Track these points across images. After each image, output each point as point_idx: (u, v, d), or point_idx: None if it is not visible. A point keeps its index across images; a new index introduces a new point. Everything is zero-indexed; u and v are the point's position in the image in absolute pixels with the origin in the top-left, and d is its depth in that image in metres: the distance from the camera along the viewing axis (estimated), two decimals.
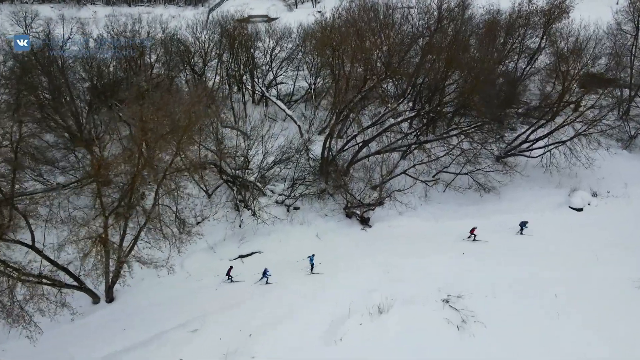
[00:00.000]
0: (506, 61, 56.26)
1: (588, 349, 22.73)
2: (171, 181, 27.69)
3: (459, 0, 58.43)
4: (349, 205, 35.48)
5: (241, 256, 32.31)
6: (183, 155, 27.37)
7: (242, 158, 37.88)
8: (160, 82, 45.36)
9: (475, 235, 32.66)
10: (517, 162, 40.34)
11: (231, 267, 29.99)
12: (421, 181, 37.62)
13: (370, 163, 39.11)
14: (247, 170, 38.64)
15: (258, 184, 37.40)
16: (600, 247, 30.72)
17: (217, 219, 34.41)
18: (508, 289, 27.29)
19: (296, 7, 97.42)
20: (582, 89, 47.12)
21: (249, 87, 55.38)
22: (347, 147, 39.65)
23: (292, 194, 37.28)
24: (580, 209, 35.37)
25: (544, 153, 40.72)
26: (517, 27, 56.11)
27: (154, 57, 48.96)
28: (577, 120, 39.68)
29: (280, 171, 38.73)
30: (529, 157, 42.04)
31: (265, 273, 28.97)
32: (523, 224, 33.31)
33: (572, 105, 46.91)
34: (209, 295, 28.24)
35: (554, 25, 55.70)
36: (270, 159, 38.67)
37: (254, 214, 34.02)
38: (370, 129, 39.88)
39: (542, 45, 55.79)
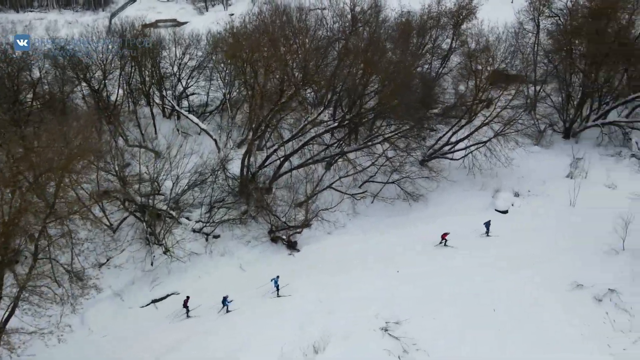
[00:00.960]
0: (421, 62, 55.53)
1: None
2: (59, 226, 22.61)
3: (372, 2, 56.94)
4: (273, 228, 32.02)
5: (154, 300, 27.72)
6: (63, 199, 22.20)
7: (152, 183, 33.20)
8: (49, 101, 38.90)
9: (446, 241, 31.37)
10: (441, 167, 39.01)
11: (187, 298, 26.36)
12: (348, 195, 35.02)
13: (293, 179, 35.89)
14: (159, 196, 33.94)
15: (171, 212, 32.86)
16: (530, 251, 29.73)
17: (122, 263, 29.29)
18: (446, 307, 25.35)
19: (207, 11, 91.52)
20: (492, 86, 47.38)
21: (158, 100, 49.88)
22: (267, 163, 36.13)
23: (211, 220, 33.13)
24: (505, 211, 34.52)
25: (466, 155, 39.85)
26: (428, 29, 55.53)
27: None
28: (494, 120, 39.09)
29: (197, 195, 34.44)
30: (452, 159, 41.03)
31: (224, 301, 26.02)
32: (487, 224, 32.30)
33: (487, 104, 47.02)
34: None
35: (462, 26, 55.91)
36: (184, 181, 34.25)
37: (166, 251, 29.40)
38: (292, 142, 36.68)
39: (454, 45, 55.73)
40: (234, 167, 36.59)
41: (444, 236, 31.39)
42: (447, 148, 41.14)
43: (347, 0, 56.67)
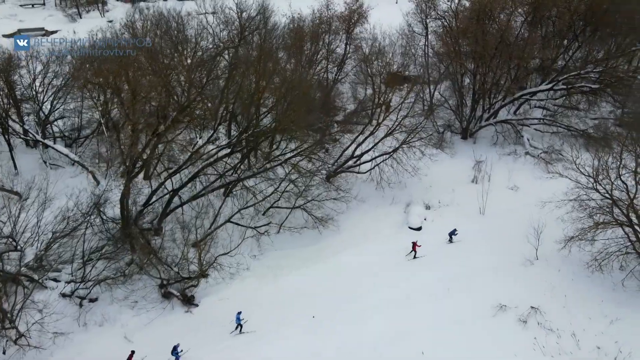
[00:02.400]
0: (318, 69, 52.17)
1: None
2: None
3: (260, 7, 52.21)
4: (164, 282, 26.29)
5: None
6: None
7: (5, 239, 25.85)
8: None
9: (415, 252, 29.13)
10: (349, 185, 35.61)
11: (132, 353, 21.79)
12: (250, 227, 30.23)
13: (187, 215, 30.32)
14: (14, 253, 26.56)
15: (32, 274, 25.71)
16: (448, 273, 27.34)
17: None
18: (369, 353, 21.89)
19: (80, 18, 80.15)
20: (390, 89, 45.64)
21: (17, 129, 40.88)
22: (153, 200, 30.12)
23: (86, 278, 26.49)
24: (419, 228, 31.95)
25: (372, 168, 36.99)
26: (321, 34, 52.19)
27: None
28: (397, 130, 36.63)
29: (67, 247, 27.52)
30: (358, 172, 38.01)
31: (175, 351, 22.10)
32: (452, 233, 30.14)
33: (386, 107, 44.96)
34: None
35: (355, 30, 53.45)
36: (50, 228, 27.26)
37: (19, 337, 22.30)
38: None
39: (348, 50, 53.06)
40: (116, 207, 29.97)
41: (414, 246, 29.02)
42: (352, 161, 38.02)
43: (233, 6, 51.52)
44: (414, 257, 29.47)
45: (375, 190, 36.13)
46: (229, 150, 31.20)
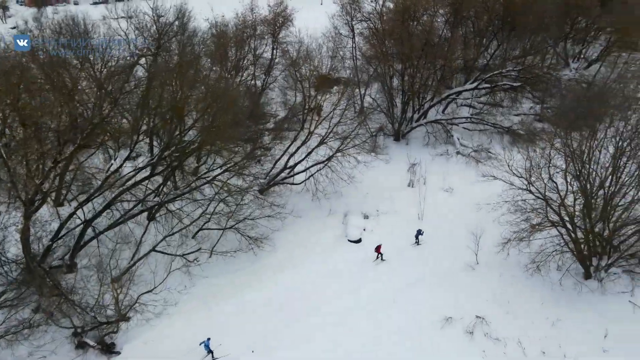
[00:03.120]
0: (244, 76, 49.49)
1: None
2: None
3: (178, 12, 48.62)
4: (77, 330, 22.69)
5: None
6: None
7: None
8: None
9: (381, 255, 28.04)
10: (284, 201, 33.42)
11: None
12: (178, 256, 27.18)
13: (104, 248, 26.73)
14: None
15: None
16: (391, 285, 26.06)
17: None
18: None
19: None
20: (319, 92, 44.25)
21: None
22: (62, 233, 26.21)
23: None
24: (359, 240, 30.43)
25: (307, 178, 35.12)
26: (246, 39, 49.54)
27: None
28: (330, 137, 35.01)
29: None
30: (293, 184, 36.01)
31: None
32: (419, 233, 29.00)
33: (318, 112, 43.51)
34: None
35: (281, 34, 51.38)
36: None
37: None
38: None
39: (275, 54, 50.86)
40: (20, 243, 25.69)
41: (378, 249, 27.84)
42: (285, 173, 35.93)
43: (148, 11, 47.55)
44: (381, 259, 28.38)
45: (311, 201, 34.30)
46: (149, 171, 27.82)
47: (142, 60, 45.62)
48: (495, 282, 24.86)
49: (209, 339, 22.14)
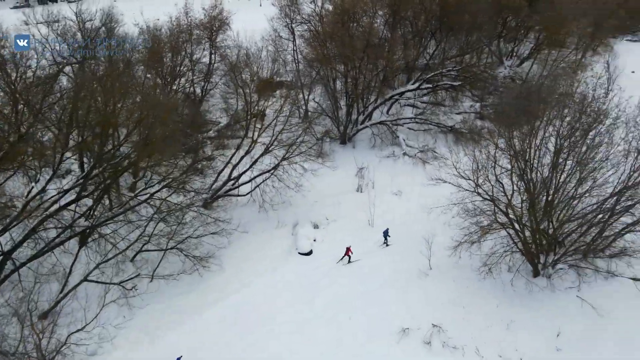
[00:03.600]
0: (181, 82, 46.85)
1: None
2: None
3: (104, 16, 45.19)
4: None
5: None
6: None
7: None
8: None
9: (350, 256, 27.43)
10: (229, 215, 31.49)
11: None
12: (114, 284, 24.62)
13: (26, 282, 23.67)
14: None
15: None
16: (344, 297, 24.96)
17: None
18: None
19: None
20: (261, 97, 42.68)
21: None
22: None
23: None
24: (309, 252, 29.09)
25: (253, 189, 33.38)
26: (182, 44, 46.88)
27: None
28: (275, 146, 33.47)
29: None
30: (238, 195, 34.13)
31: None
32: (386, 233, 28.43)
33: (261, 117, 41.91)
34: None
35: (219, 38, 49.15)
36: None
37: None
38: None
39: (213, 59, 48.55)
40: None
41: (347, 251, 27.29)
42: (230, 184, 34.00)
43: (72, 16, 43.83)
44: (349, 261, 27.60)
45: (258, 213, 32.62)
46: (76, 193, 24.99)
47: (68, 69, 41.96)
48: (449, 288, 24.40)
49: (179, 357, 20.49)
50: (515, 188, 24.38)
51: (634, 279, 24.46)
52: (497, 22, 52.76)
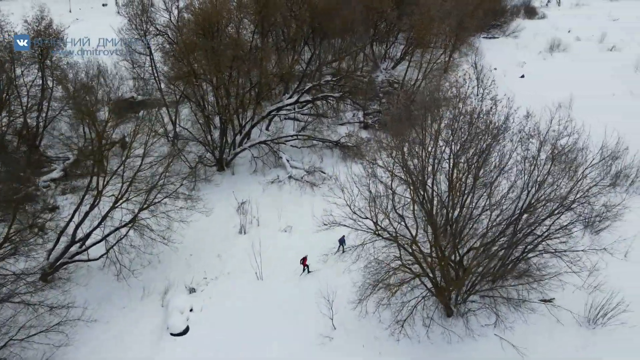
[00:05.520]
0: (8, 110, 36.41)
1: None
2: None
3: None
4: None
5: None
6: None
7: None
8: None
9: (307, 266, 24.59)
10: (72, 297, 23.36)
11: None
12: None
13: None
14: None
15: None
16: None
17: None
18: None
19: None
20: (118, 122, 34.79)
21: None
22: None
23: None
24: (185, 331, 22.26)
25: (108, 250, 25.54)
26: (2, 65, 36.27)
27: None
28: (132, 190, 25.95)
29: None
30: (89, 260, 26.00)
31: None
32: (342, 241, 24.91)
33: (122, 145, 34.22)
34: None
35: (53, 58, 39.14)
36: None
37: None
38: None
39: (48, 83, 38.57)
40: None
41: (304, 262, 24.28)
42: (76, 247, 25.71)
43: None
44: (308, 272, 24.49)
45: (117, 282, 25.00)
46: None
47: None
48: (359, 355, 19.82)
49: None
50: (417, 219, 20.64)
51: (544, 301, 22.50)
52: (368, 25, 50.38)
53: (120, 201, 24.70)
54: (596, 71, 53.01)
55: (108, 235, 25.56)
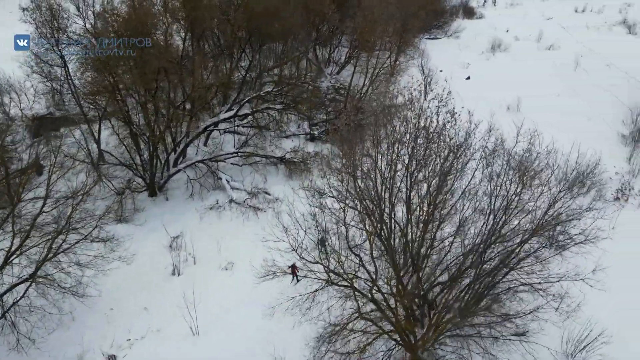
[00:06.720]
0: None
1: None
2: None
3: None
4: None
5: None
6: None
7: None
8: None
9: (297, 275, 21.86)
10: None
11: None
12: None
13: None
14: None
15: None
16: None
17: None
18: None
19: None
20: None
21: None
22: None
23: None
24: None
25: (2, 315, 20.41)
26: None
27: None
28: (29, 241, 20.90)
29: None
30: None
31: None
32: (294, 269, 20.25)
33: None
34: None
35: None
36: None
37: None
38: None
39: None
40: None
41: (294, 271, 21.19)
42: None
43: None
44: (297, 281, 21.98)
45: (17, 353, 19.93)
46: None
47: None
48: None
49: None
50: (374, 259, 17.45)
51: (517, 334, 20.06)
52: (310, 28, 47.03)
53: (12, 257, 19.64)
54: (537, 70, 52.74)
55: (5, 292, 20.44)
